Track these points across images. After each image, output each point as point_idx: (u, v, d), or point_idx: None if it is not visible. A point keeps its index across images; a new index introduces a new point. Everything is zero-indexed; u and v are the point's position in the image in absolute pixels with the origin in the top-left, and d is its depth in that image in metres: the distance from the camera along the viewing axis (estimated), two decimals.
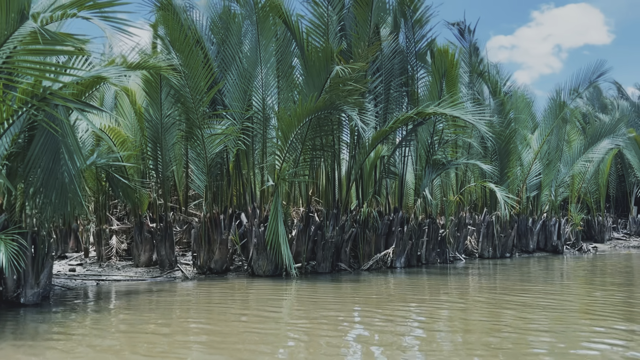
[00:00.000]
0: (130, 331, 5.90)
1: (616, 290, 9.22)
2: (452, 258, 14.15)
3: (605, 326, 6.05)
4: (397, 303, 7.80)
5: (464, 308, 7.44)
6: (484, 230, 15.63)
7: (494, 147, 16.15)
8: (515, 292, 8.87)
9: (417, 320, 6.59)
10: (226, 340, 5.44)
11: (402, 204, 13.24)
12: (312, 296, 8.53)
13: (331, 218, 11.64)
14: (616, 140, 17.45)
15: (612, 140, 17.31)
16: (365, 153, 11.56)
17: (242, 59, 10.86)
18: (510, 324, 6.26)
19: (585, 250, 18.40)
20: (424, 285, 9.80)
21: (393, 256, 12.22)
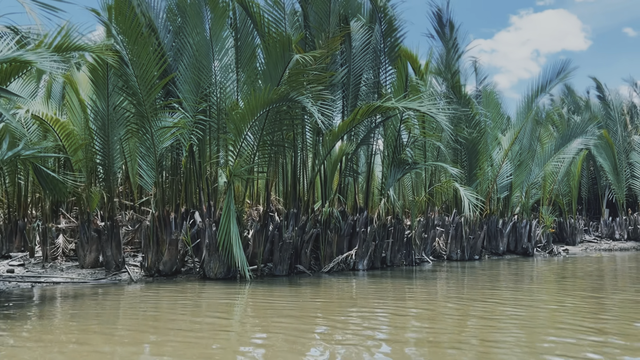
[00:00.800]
0: (37, 344, 5.25)
1: (586, 296, 8.82)
2: (418, 260, 13.69)
3: (576, 337, 5.58)
4: (357, 309, 7.26)
5: (429, 317, 6.93)
6: (452, 231, 15.21)
7: (463, 147, 15.75)
8: (481, 298, 8.40)
9: (378, 329, 6.05)
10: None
11: (368, 204, 12.74)
12: (266, 302, 7.94)
13: (291, 218, 11.08)
14: (587, 141, 17.20)
15: (583, 140, 17.04)
16: (327, 150, 11.02)
17: (195, 47, 10.23)
18: (476, 334, 5.76)
19: (556, 253, 18.11)
20: (385, 290, 9.28)
21: (356, 258, 11.69)
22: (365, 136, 11.57)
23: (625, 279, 11.27)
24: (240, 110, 9.02)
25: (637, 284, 10.38)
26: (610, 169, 22.69)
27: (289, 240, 10.41)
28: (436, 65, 15.19)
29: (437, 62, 15.31)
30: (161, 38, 10.72)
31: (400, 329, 6.05)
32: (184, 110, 10.30)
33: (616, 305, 7.66)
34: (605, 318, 6.70)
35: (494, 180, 16.58)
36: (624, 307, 7.53)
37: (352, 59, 11.86)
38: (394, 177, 11.72)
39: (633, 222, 22.81)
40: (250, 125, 9.33)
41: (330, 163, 11.50)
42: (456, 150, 16.12)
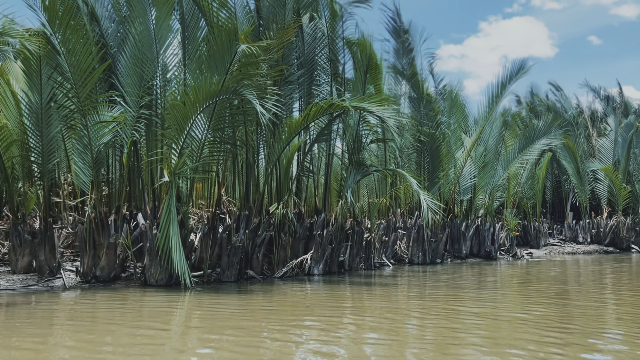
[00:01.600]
0: None
1: (549, 303, 8.44)
2: (377, 264, 13.21)
3: (540, 350, 5.14)
4: (311, 318, 6.71)
5: (388, 328, 6.42)
6: (414, 234, 14.79)
7: (425, 148, 15.37)
8: (441, 307, 7.95)
9: (333, 343, 5.51)
10: None
11: (327, 206, 12.21)
12: (208, 311, 7.34)
13: (242, 220, 10.48)
14: (550, 142, 17.02)
15: (546, 141, 16.85)
16: (280, 148, 10.45)
17: (137, 38, 9.57)
18: (437, 347, 5.27)
19: (519, 257, 17.88)
20: (339, 297, 8.75)
21: (311, 262, 11.14)
22: (319, 134, 11.04)
23: (588, 284, 11.00)
24: (180, 104, 8.39)
25: (601, 289, 10.10)
26: (573, 173, 22.66)
27: (238, 244, 9.80)
28: (395, 64, 14.79)
29: (394, 60, 14.93)
30: (104, 27, 10.03)
31: (355, 343, 5.52)
32: (125, 105, 9.62)
33: (581, 315, 7.28)
34: (570, 328, 6.29)
35: (457, 181, 16.25)
36: (588, 316, 7.16)
37: (306, 55, 11.34)
38: (353, 179, 11.22)
39: (596, 226, 22.81)
40: (194, 121, 8.70)
41: (284, 162, 10.94)
42: (420, 151, 15.74)
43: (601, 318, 6.94)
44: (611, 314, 7.36)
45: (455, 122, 15.93)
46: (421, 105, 15.52)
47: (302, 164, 11.41)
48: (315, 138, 11.07)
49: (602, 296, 9.18)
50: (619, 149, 23.47)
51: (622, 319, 6.91)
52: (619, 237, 22.31)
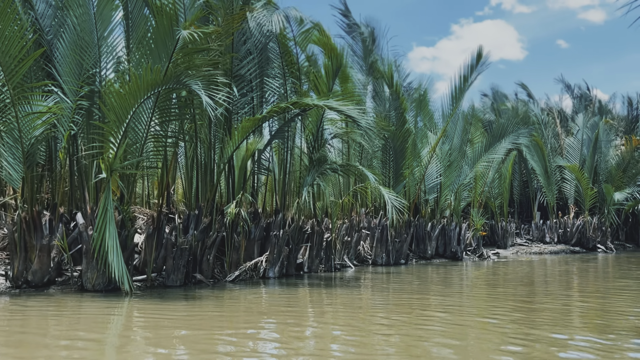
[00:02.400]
0: None
1: (515, 307, 8.01)
2: (339, 265, 12.68)
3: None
4: (262, 326, 6.12)
5: (350, 341, 5.86)
6: (378, 234, 14.31)
7: (390, 145, 14.91)
8: (401, 311, 7.44)
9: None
10: None
11: (285, 205, 11.63)
12: (151, 320, 6.69)
13: (191, 220, 9.84)
14: (516, 139, 16.74)
15: (512, 139, 16.57)
16: (234, 145, 9.82)
17: (76, 22, 8.84)
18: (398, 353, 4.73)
19: (486, 257, 17.56)
20: (290, 302, 8.18)
21: (266, 265, 10.55)
22: (277, 131, 10.46)
23: (554, 285, 10.64)
24: (119, 93, 7.70)
25: (567, 290, 9.73)
26: (541, 172, 22.51)
27: (185, 245, 9.15)
28: (358, 61, 14.30)
29: (357, 57, 14.43)
30: (39, 11, 9.28)
31: (318, 355, 4.95)
32: (63, 95, 8.89)
33: (547, 320, 6.85)
34: (534, 334, 5.83)
35: (422, 180, 15.83)
36: (554, 321, 6.73)
37: (258, 49, 10.74)
38: (312, 177, 10.66)
39: (563, 226, 22.71)
40: (135, 112, 8.02)
41: (239, 159, 10.32)
42: (385, 150, 15.27)
43: (567, 324, 6.53)
44: (577, 318, 6.96)
45: (421, 120, 15.49)
46: (386, 102, 15.06)
47: (259, 161, 10.80)
48: (273, 135, 10.49)
49: (569, 299, 8.81)
50: (586, 148, 23.42)
51: (589, 324, 6.51)
52: (586, 237, 22.24)
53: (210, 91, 8.04)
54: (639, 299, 8.70)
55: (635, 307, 7.79)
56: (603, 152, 24.04)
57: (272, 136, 10.57)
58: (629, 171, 24.10)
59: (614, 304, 8.21)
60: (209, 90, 8.02)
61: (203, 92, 7.48)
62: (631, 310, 7.54)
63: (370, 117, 14.05)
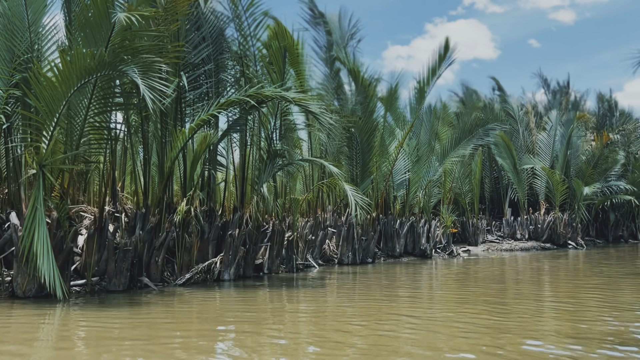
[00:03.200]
0: None
1: (485, 308, 7.52)
2: (302, 266, 12.10)
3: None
4: (208, 337, 5.49)
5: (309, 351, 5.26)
6: (344, 232, 13.77)
7: (357, 140, 14.38)
8: (368, 314, 6.89)
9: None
10: None
11: (244, 203, 11.00)
12: (83, 331, 6.00)
13: (138, 219, 9.16)
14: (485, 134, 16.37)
15: (481, 135, 16.18)
16: (184, 139, 9.16)
17: (6, 5, 8.08)
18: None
19: (456, 254, 17.17)
20: (246, 307, 7.56)
21: (221, 266, 9.92)
22: (232, 125, 9.84)
23: (524, 283, 10.22)
24: (48, 83, 6.99)
25: (537, 290, 9.30)
26: (510, 169, 22.25)
27: (128, 247, 8.46)
28: (321, 54, 13.73)
29: (319, 47, 13.87)
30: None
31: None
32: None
33: (516, 322, 6.35)
34: (504, 341, 5.32)
35: (390, 175, 15.33)
36: (523, 323, 6.23)
37: (212, 34, 10.09)
38: (269, 172, 10.05)
39: (534, 222, 22.49)
40: (68, 101, 7.31)
41: (191, 155, 9.66)
42: (352, 144, 14.73)
43: (538, 328, 6.05)
44: (550, 322, 6.49)
45: (391, 115, 14.97)
46: (352, 96, 14.53)
47: (213, 156, 10.15)
48: (227, 129, 9.85)
49: (540, 300, 8.37)
50: (558, 144, 23.24)
51: (561, 330, 6.04)
52: (556, 233, 22.05)
53: (154, 80, 7.36)
54: (610, 300, 8.31)
55: (607, 308, 7.37)
56: (574, 147, 23.91)
57: (225, 130, 9.93)
58: (599, 167, 24.03)
59: (585, 303, 7.79)
60: (151, 78, 7.34)
61: (141, 80, 6.81)
62: (604, 311, 7.11)
63: (331, 109, 13.47)
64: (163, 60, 7.55)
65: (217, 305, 7.73)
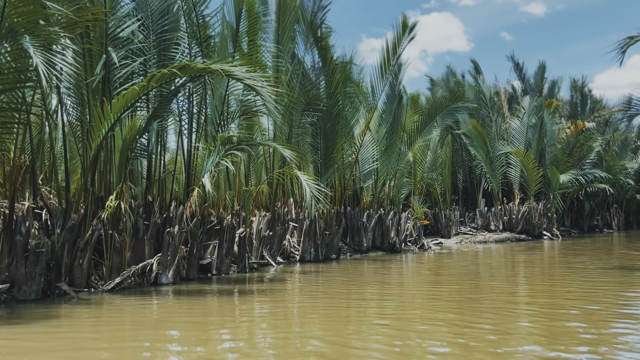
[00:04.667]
0: None
1: (457, 308, 6.51)
2: (257, 265, 10.98)
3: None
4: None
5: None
6: (306, 227, 12.69)
7: (319, 126, 13.29)
8: (324, 320, 5.81)
9: None
10: None
11: (190, 195, 9.82)
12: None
13: (58, 216, 7.94)
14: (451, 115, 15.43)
15: (448, 117, 15.23)
16: (109, 123, 7.96)
17: None
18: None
19: (427, 248, 16.22)
20: (182, 318, 6.43)
21: (159, 268, 8.75)
22: (160, 105, 8.64)
23: (497, 279, 9.28)
24: None
25: (511, 286, 8.34)
26: (483, 158, 21.39)
27: (41, 248, 7.25)
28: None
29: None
30: None
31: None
32: None
33: (491, 331, 5.34)
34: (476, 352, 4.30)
35: (355, 164, 14.26)
36: (499, 329, 5.23)
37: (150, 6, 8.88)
38: (214, 160, 8.90)
39: (508, 212, 21.69)
40: None
41: (118, 142, 8.46)
42: (314, 131, 13.63)
43: (511, 331, 5.06)
44: (524, 323, 5.52)
45: (359, 100, 13.87)
46: (315, 75, 13.41)
47: (149, 143, 8.97)
48: (153, 112, 8.65)
49: (514, 298, 7.40)
50: (531, 132, 22.46)
51: (535, 333, 5.06)
52: (531, 223, 21.30)
53: (57, 56, 6.14)
54: (586, 297, 7.39)
55: (583, 309, 6.42)
56: (550, 135, 23.16)
57: (153, 112, 8.73)
58: (574, 155, 23.34)
59: (562, 303, 6.84)
60: (54, 53, 6.12)
61: (36, 53, 5.60)
62: (579, 310, 6.17)
63: (284, 88, 12.34)
64: (61, 32, 6.33)
65: (148, 314, 6.58)
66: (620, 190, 26.97)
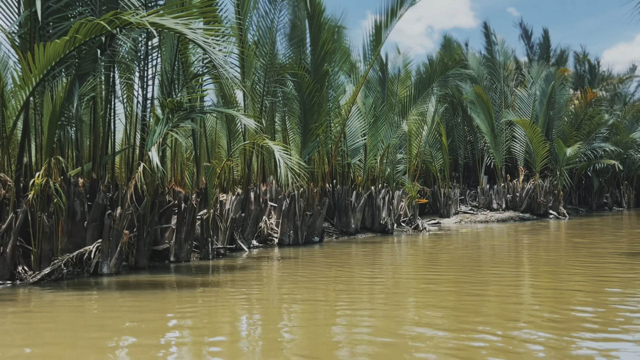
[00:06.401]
0: None
1: (454, 305, 5.28)
2: (223, 250, 9.78)
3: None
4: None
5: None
6: (285, 207, 11.46)
7: (298, 94, 11.97)
8: (297, 320, 4.60)
9: None
10: None
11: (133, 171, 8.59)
12: None
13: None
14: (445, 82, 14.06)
15: (444, 83, 13.86)
16: (29, 87, 6.69)
17: None
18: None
19: (422, 229, 14.98)
20: (120, 320, 5.23)
21: (100, 256, 7.55)
22: (85, 59, 7.34)
23: (497, 267, 8.04)
24: None
25: (514, 277, 7.10)
26: (487, 130, 20.01)
27: None
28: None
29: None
30: None
31: None
32: None
33: (492, 344, 4.11)
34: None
35: (340, 137, 12.96)
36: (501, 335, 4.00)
37: None
38: (161, 130, 7.63)
39: (512, 190, 20.37)
40: None
41: (47, 110, 7.19)
42: (295, 103, 12.32)
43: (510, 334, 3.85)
44: (527, 323, 4.30)
45: (338, 62, 12.49)
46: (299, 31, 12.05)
47: (77, 109, 7.70)
48: (79, 65, 7.34)
49: (518, 290, 6.16)
50: (538, 103, 21.01)
51: (541, 332, 3.84)
52: (536, 202, 20.00)
53: None
54: (598, 293, 6.14)
55: (594, 310, 5.17)
56: (557, 108, 21.71)
57: (77, 68, 7.43)
58: (583, 129, 21.92)
59: (568, 299, 5.59)
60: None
61: None
62: (588, 305, 4.92)
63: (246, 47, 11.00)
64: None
65: (81, 314, 5.37)
66: (631, 166, 25.58)
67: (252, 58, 11.20)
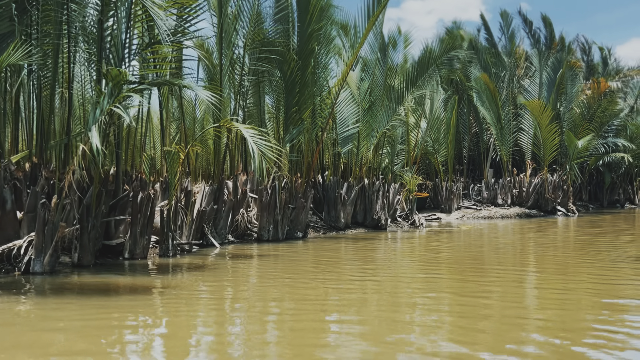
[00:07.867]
0: None
1: (451, 318, 4.21)
2: (187, 246, 8.70)
3: None
4: None
5: None
6: (265, 199, 10.38)
7: (280, 73, 10.86)
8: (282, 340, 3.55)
9: None
10: None
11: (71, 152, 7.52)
12: None
13: None
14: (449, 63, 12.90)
15: (443, 65, 12.69)
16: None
17: None
18: None
19: (418, 225, 13.86)
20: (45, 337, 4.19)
21: (33, 252, 6.50)
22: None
23: (501, 272, 6.94)
24: None
25: (516, 288, 5.99)
26: (492, 121, 18.80)
27: None
28: None
29: None
30: None
31: None
32: None
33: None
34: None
35: (328, 124, 11.82)
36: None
37: None
38: (104, 106, 6.54)
39: (518, 185, 19.16)
40: None
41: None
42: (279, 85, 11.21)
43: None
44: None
45: (326, 39, 11.29)
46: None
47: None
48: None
49: (521, 306, 5.07)
50: (546, 91, 19.75)
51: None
52: (544, 197, 18.80)
53: None
54: (610, 307, 5.04)
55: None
56: (568, 98, 20.45)
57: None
58: (595, 121, 20.64)
59: (575, 314, 4.50)
60: None
61: None
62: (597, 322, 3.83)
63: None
64: None
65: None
66: None
67: (230, 32, 10.11)
